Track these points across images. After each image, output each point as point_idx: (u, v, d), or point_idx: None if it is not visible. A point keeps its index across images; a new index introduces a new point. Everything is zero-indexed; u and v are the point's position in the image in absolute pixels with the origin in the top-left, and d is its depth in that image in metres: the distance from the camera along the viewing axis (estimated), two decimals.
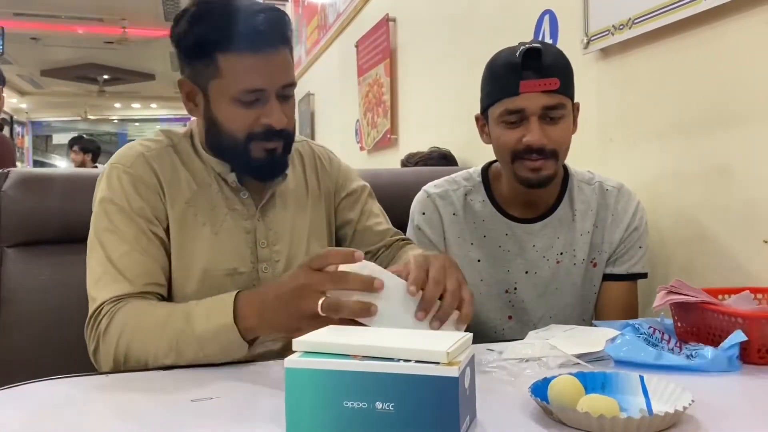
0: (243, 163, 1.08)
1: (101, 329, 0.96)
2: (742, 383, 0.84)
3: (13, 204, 1.31)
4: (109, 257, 1.01)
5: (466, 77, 2.52)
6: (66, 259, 1.31)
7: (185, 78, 1.07)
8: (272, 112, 1.03)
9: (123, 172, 1.06)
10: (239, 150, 1.05)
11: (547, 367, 0.88)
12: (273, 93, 1.03)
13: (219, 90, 1.03)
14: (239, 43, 0.99)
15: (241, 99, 1.02)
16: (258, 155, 1.05)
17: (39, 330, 1.29)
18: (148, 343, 0.93)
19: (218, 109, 1.04)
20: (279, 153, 1.07)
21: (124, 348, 0.94)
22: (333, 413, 0.63)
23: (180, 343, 0.91)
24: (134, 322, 0.95)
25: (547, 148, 1.19)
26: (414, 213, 1.35)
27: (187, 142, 1.13)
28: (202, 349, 0.91)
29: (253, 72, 1.01)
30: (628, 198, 1.33)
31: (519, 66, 1.17)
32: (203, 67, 1.03)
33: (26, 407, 0.77)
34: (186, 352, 0.91)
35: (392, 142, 3.45)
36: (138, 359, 0.93)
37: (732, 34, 1.28)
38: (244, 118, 1.03)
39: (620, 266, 1.32)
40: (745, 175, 1.27)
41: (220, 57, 1.00)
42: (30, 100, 15.42)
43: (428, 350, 0.62)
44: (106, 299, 0.98)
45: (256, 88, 1.01)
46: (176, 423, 0.70)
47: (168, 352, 0.91)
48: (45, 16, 9.31)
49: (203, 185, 1.10)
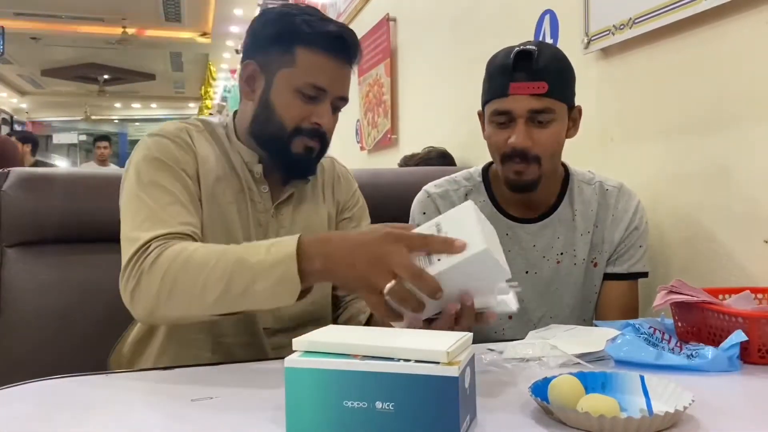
0: (281, 153, 1.11)
1: (147, 263, 0.92)
2: (743, 383, 0.84)
3: (13, 204, 1.31)
4: (153, 206, 1.00)
5: (467, 77, 2.52)
6: (66, 258, 1.32)
7: (252, 61, 1.12)
8: (324, 114, 1.10)
9: (166, 137, 1.09)
10: (282, 140, 1.10)
11: (548, 367, 0.88)
12: (330, 99, 1.10)
13: (287, 78, 1.09)
14: (323, 43, 1.08)
15: (304, 92, 1.08)
16: (297, 150, 1.10)
17: (39, 329, 1.29)
18: (200, 272, 0.88)
19: (278, 96, 1.10)
20: (314, 155, 1.12)
21: (171, 278, 0.90)
22: (333, 413, 0.63)
23: (233, 273, 0.87)
24: (188, 254, 0.91)
25: (530, 153, 1.19)
26: (414, 213, 1.35)
27: (221, 130, 1.18)
28: (255, 281, 0.86)
29: (324, 71, 1.08)
30: (628, 198, 1.33)
31: (510, 67, 1.17)
32: (278, 55, 1.09)
33: (27, 406, 0.77)
34: (237, 283, 0.86)
35: (392, 142, 3.45)
36: (185, 291, 0.89)
37: (732, 34, 1.28)
38: (300, 110, 1.09)
39: (620, 265, 1.32)
40: (745, 175, 1.27)
41: (300, 49, 1.08)
42: (30, 100, 15.44)
43: (428, 350, 0.62)
44: (154, 236, 0.96)
45: (321, 87, 1.08)
46: (177, 422, 0.70)
47: (218, 282, 0.87)
48: (45, 16, 9.32)
49: (232, 171, 1.14)
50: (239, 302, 0.87)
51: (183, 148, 1.09)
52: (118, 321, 1.20)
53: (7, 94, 14.35)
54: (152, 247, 0.94)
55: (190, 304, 0.89)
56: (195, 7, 9.44)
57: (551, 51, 1.22)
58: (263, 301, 0.87)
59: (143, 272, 0.92)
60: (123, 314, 1.20)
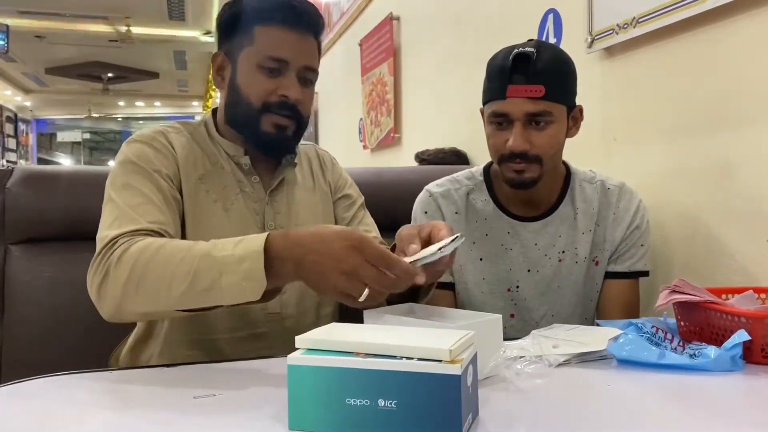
0: (253, 133, 1.12)
1: (114, 258, 0.92)
2: (745, 383, 0.84)
3: (17, 201, 1.31)
4: (123, 207, 1.01)
5: (470, 76, 2.52)
6: (70, 256, 1.32)
7: (220, 52, 1.15)
8: (290, 85, 1.09)
9: (142, 142, 1.10)
10: (252, 120, 1.10)
11: (549, 365, 0.88)
12: (295, 70, 1.10)
13: (247, 57, 1.10)
14: (276, 16, 1.09)
15: (265, 65, 1.08)
16: (268, 129, 1.10)
17: (43, 326, 1.29)
18: (167, 266, 0.88)
19: (242, 76, 1.11)
20: (289, 133, 1.12)
21: (139, 272, 0.89)
22: (335, 410, 0.63)
23: (200, 267, 0.86)
24: (155, 248, 0.91)
25: (529, 154, 1.20)
26: (416, 212, 1.35)
27: (201, 129, 1.18)
28: (221, 276, 0.85)
29: (282, 43, 1.09)
30: (629, 196, 1.33)
31: (508, 70, 1.17)
32: (239, 39, 1.11)
33: (30, 403, 0.77)
34: (203, 277, 0.86)
35: (395, 141, 3.45)
36: (152, 285, 0.88)
37: (737, 33, 1.28)
38: (264, 85, 1.09)
39: (622, 264, 1.32)
40: (748, 175, 1.27)
41: (257, 28, 1.09)
42: (34, 98, 15.46)
43: (431, 348, 0.62)
44: (121, 233, 0.96)
45: (281, 58, 1.08)
46: (179, 420, 0.70)
47: (185, 276, 0.86)
48: (50, 14, 9.33)
49: (216, 166, 1.14)
50: (205, 297, 0.86)
51: (159, 151, 1.09)
52: None
53: (11, 92, 14.38)
54: (119, 243, 0.94)
55: (157, 299, 0.88)
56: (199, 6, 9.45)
57: (551, 52, 1.21)
58: (229, 297, 0.85)
59: (110, 267, 0.92)
60: None
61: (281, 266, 0.85)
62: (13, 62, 11.94)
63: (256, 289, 0.84)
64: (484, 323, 0.83)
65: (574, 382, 0.84)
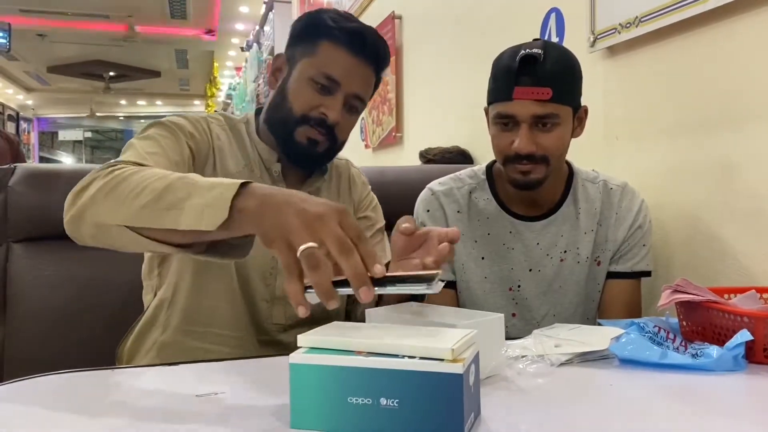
0: (285, 140, 1.13)
1: (104, 171, 0.89)
2: (748, 382, 0.84)
3: (19, 199, 1.31)
4: (139, 151, 0.99)
5: (472, 75, 2.52)
6: (72, 254, 1.32)
7: (283, 54, 1.17)
8: (334, 106, 1.10)
9: (181, 116, 1.12)
10: (289, 127, 1.11)
11: (551, 364, 0.88)
12: (344, 93, 1.11)
13: (305, 67, 1.12)
14: (344, 37, 1.11)
15: (317, 80, 1.10)
16: (301, 139, 1.11)
17: (45, 325, 1.29)
18: (144, 179, 0.83)
19: (294, 82, 1.12)
20: (319, 150, 1.12)
21: (117, 181, 0.85)
22: (337, 409, 0.63)
23: (172, 185, 0.81)
24: (144, 167, 0.89)
25: (536, 155, 1.19)
26: (419, 211, 1.35)
27: (242, 126, 1.19)
28: (189, 197, 0.78)
29: (339, 63, 1.10)
30: (632, 196, 1.33)
31: (515, 71, 1.16)
32: (304, 47, 1.13)
33: (32, 401, 0.77)
34: (171, 194, 0.80)
35: (397, 140, 3.45)
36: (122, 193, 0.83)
37: (739, 32, 1.28)
38: (310, 98, 1.10)
39: (624, 264, 1.32)
40: (751, 174, 1.27)
41: (323, 42, 1.11)
42: (36, 97, 15.48)
43: (433, 347, 0.62)
44: (125, 160, 0.94)
45: (334, 78, 1.10)
46: (181, 418, 0.70)
47: (155, 190, 0.81)
48: (52, 13, 9.34)
49: (246, 168, 1.15)
50: (164, 216, 0.79)
51: (197, 128, 1.11)
52: (123, 316, 1.20)
53: (13, 90, 14.40)
54: (118, 165, 0.91)
55: (120, 207, 0.83)
56: (201, 4, 9.45)
57: (557, 53, 1.20)
58: (186, 220, 0.77)
59: (98, 177, 0.88)
60: (128, 310, 1.21)
61: (245, 201, 0.75)
62: (15, 61, 11.96)
63: (215, 217, 0.75)
64: (486, 322, 0.83)
65: (576, 381, 0.84)
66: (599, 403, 0.76)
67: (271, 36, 7.19)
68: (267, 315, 1.15)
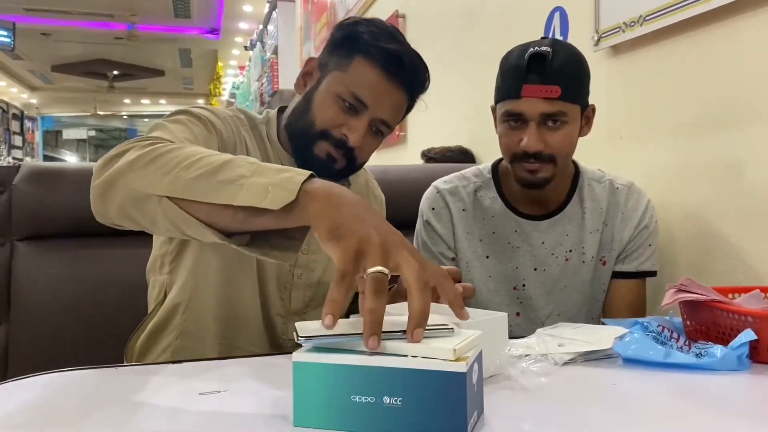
0: (303, 151, 1.09)
1: (143, 142, 0.82)
2: (752, 382, 0.84)
3: (23, 198, 1.31)
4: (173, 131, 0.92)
5: (475, 74, 2.51)
6: (76, 253, 1.32)
7: (316, 58, 1.12)
8: (357, 129, 1.05)
9: (207, 109, 1.06)
10: (308, 139, 1.07)
11: (555, 363, 0.88)
12: (369, 117, 1.06)
13: (335, 81, 1.07)
14: (381, 59, 1.05)
15: (345, 98, 1.05)
16: (319, 153, 1.07)
17: (49, 323, 1.30)
18: (197, 154, 0.76)
19: (321, 94, 1.07)
20: (336, 167, 1.08)
21: (161, 151, 0.78)
22: (340, 407, 0.63)
23: (237, 161, 0.75)
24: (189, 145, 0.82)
25: (544, 153, 1.19)
26: (423, 209, 1.35)
27: (262, 127, 1.15)
28: (253, 174, 0.72)
29: (370, 85, 1.05)
30: (638, 196, 1.33)
31: (524, 69, 1.16)
32: (338, 58, 1.07)
33: (37, 398, 0.77)
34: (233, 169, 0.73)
35: (400, 140, 3.45)
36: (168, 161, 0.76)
37: (744, 31, 1.28)
38: (334, 115, 1.05)
39: (629, 264, 1.31)
40: (755, 173, 1.27)
41: (358, 58, 1.05)
42: (40, 96, 15.52)
43: (436, 346, 0.62)
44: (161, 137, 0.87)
45: (361, 99, 1.04)
46: (184, 416, 0.70)
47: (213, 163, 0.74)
48: (56, 12, 9.36)
49: None
50: (219, 189, 0.72)
51: (225, 126, 1.06)
52: (127, 314, 1.20)
53: (17, 89, 14.44)
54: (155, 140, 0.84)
55: (165, 175, 0.75)
56: (204, 4, 9.46)
57: (566, 51, 1.19)
58: (246, 196, 0.71)
59: (136, 145, 0.82)
60: (132, 308, 1.21)
61: (318, 189, 0.69)
62: (20, 60, 11.99)
63: (281, 197, 0.69)
64: (489, 321, 0.83)
65: (580, 380, 0.84)
66: (602, 403, 0.76)
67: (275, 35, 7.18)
68: (282, 330, 1.15)
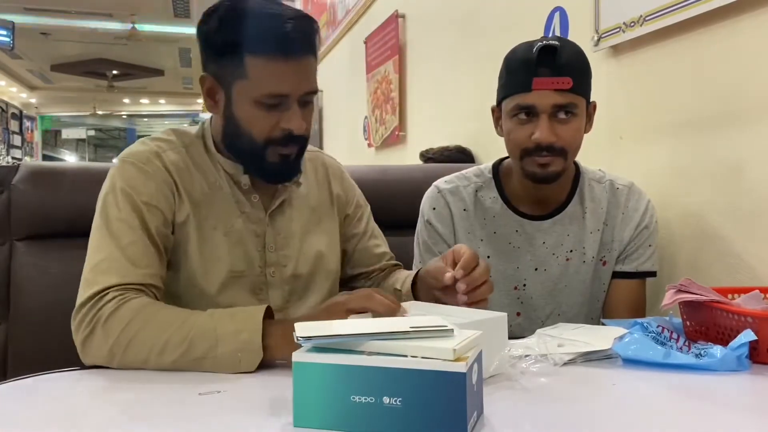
0: (257, 165, 1.07)
1: (103, 314, 0.91)
2: (751, 382, 0.84)
3: (23, 197, 1.31)
4: (118, 244, 0.98)
5: (475, 74, 2.51)
6: (75, 252, 1.31)
7: (208, 74, 1.06)
8: (293, 117, 1.03)
9: (136, 167, 1.04)
10: (256, 153, 1.05)
11: (555, 363, 0.88)
12: (296, 99, 1.03)
13: (243, 91, 1.02)
14: (269, 47, 0.99)
15: (265, 102, 1.01)
16: (273, 159, 1.05)
17: (48, 323, 1.29)
18: (162, 333, 0.89)
19: (240, 110, 1.03)
20: (293, 158, 1.07)
21: (130, 335, 0.89)
22: (340, 407, 0.63)
23: (195, 336, 0.88)
24: (150, 312, 0.92)
25: (556, 146, 1.19)
26: (424, 208, 1.35)
27: (198, 142, 1.12)
28: (217, 345, 0.87)
29: (279, 77, 1.00)
30: (638, 196, 1.33)
31: (534, 62, 1.16)
32: (229, 67, 1.02)
33: (34, 400, 0.77)
34: (198, 346, 0.87)
35: (400, 139, 3.45)
36: (142, 349, 0.89)
37: (744, 31, 1.28)
38: (265, 121, 1.03)
39: (629, 264, 1.31)
40: (755, 174, 1.27)
41: (248, 59, 1.00)
42: (39, 95, 15.49)
43: (436, 346, 0.62)
44: (112, 284, 0.94)
45: (281, 93, 1.01)
46: (184, 416, 0.70)
47: (180, 343, 0.88)
48: (55, 11, 9.35)
49: (214, 187, 1.09)
50: (198, 365, 0.88)
51: (154, 178, 1.04)
52: None
53: (16, 89, 14.42)
54: (109, 297, 0.93)
55: (146, 362, 0.89)
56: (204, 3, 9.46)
57: (572, 46, 1.21)
58: (223, 366, 0.87)
59: (98, 324, 0.91)
60: None
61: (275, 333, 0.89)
62: (19, 59, 11.98)
63: (252, 360, 0.87)
64: (489, 321, 0.83)
65: (579, 381, 0.84)
66: (602, 403, 0.76)
67: None
68: None
